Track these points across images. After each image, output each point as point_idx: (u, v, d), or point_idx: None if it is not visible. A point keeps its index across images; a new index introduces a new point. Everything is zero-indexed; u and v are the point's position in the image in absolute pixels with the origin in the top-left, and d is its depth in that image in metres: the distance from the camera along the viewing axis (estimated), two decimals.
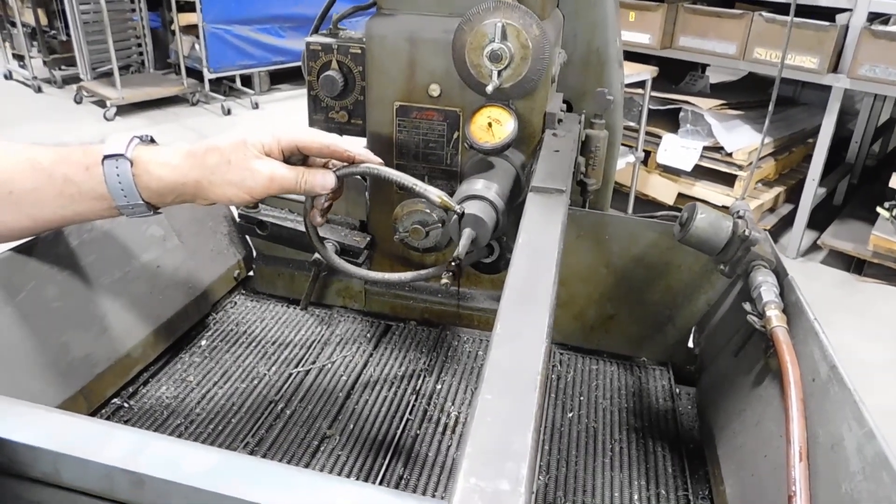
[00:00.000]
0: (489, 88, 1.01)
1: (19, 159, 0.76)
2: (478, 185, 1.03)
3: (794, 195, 3.73)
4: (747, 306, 0.92)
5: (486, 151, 1.06)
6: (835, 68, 3.23)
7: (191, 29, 5.53)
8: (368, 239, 1.25)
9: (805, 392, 0.78)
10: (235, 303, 1.30)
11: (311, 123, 1.24)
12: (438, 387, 1.10)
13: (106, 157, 0.76)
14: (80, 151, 0.78)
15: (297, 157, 0.87)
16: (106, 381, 1.00)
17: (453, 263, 0.92)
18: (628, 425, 1.05)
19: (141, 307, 1.08)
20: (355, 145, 0.90)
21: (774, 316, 0.86)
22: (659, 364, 1.20)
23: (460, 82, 1.07)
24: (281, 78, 6.17)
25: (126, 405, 1.01)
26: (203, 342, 1.17)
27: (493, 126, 1.07)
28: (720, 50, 3.46)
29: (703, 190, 3.63)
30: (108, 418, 0.98)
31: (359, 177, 1.08)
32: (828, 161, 3.44)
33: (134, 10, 5.63)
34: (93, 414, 0.97)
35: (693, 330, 1.17)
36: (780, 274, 0.95)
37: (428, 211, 1.19)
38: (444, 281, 0.89)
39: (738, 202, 1.09)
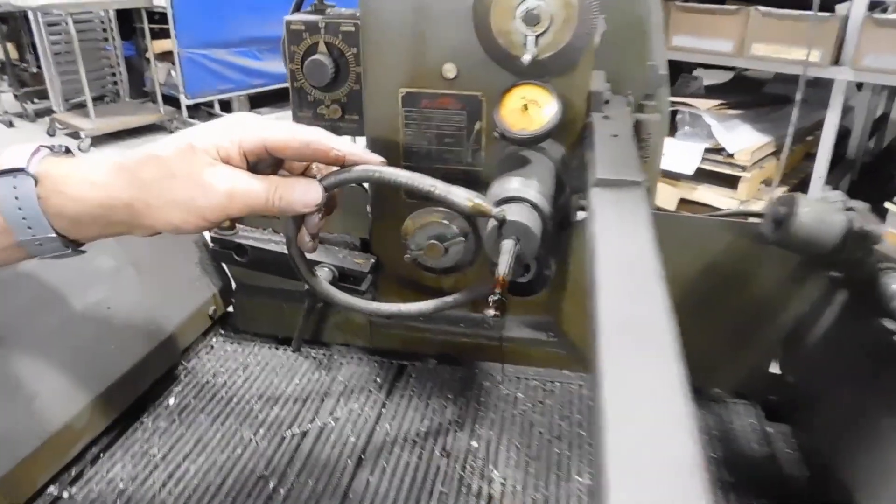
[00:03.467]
0: (526, 58, 0.77)
1: None
2: (513, 183, 0.79)
3: None
4: (890, 323, 0.68)
5: (523, 141, 0.82)
6: (836, 60, 3.05)
7: (166, 55, 5.28)
8: (373, 261, 1.00)
9: None
10: (212, 347, 1.04)
11: (297, 122, 0.99)
12: (474, 444, 0.85)
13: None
14: None
15: (268, 163, 0.62)
16: (37, 464, 0.73)
17: (497, 290, 0.67)
18: (722, 482, 0.80)
19: (86, 362, 0.81)
20: (348, 142, 0.65)
21: None
22: (736, 396, 0.95)
23: (483, 58, 0.83)
24: (260, 101, 5.90)
25: (66, 495, 0.75)
26: (171, 401, 0.91)
27: (529, 109, 0.82)
28: (716, 48, 3.27)
29: (706, 193, 3.41)
30: None
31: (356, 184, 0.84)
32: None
33: (107, 40, 5.37)
34: None
35: (780, 353, 0.93)
36: None
37: (446, 222, 0.94)
38: (490, 313, 0.64)
39: (833, 192, 0.85)
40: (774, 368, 0.95)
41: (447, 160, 0.93)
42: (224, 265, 1.09)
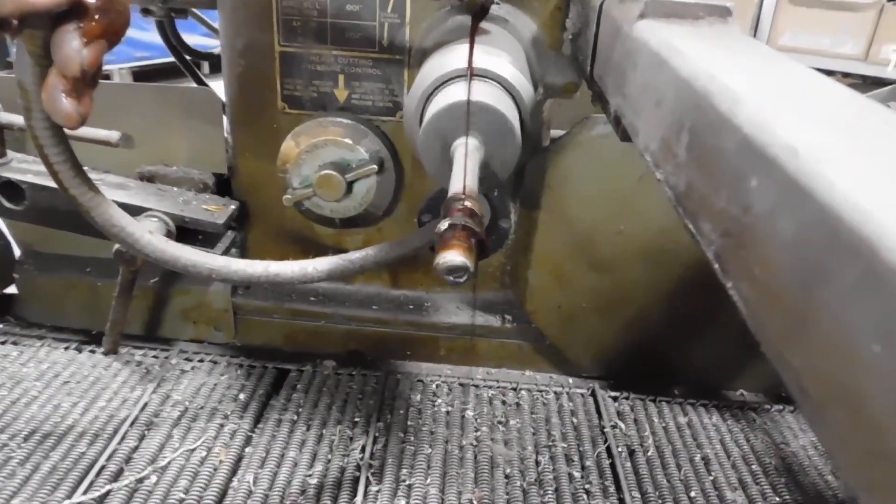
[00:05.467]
0: None
1: None
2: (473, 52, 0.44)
3: None
4: None
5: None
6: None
7: None
8: (233, 209, 0.62)
9: None
10: None
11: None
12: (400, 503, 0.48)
13: None
14: None
15: None
16: None
17: (458, 223, 0.31)
18: None
19: None
20: None
21: None
22: (766, 398, 0.65)
23: None
24: (146, 77, 5.25)
25: None
26: None
27: None
28: None
29: None
30: None
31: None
32: None
33: None
34: None
35: None
36: None
37: (349, 141, 0.57)
38: (453, 261, 0.28)
39: None
40: None
41: (348, 41, 0.56)
42: None
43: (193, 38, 0.89)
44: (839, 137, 0.17)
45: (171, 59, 0.86)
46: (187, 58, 0.85)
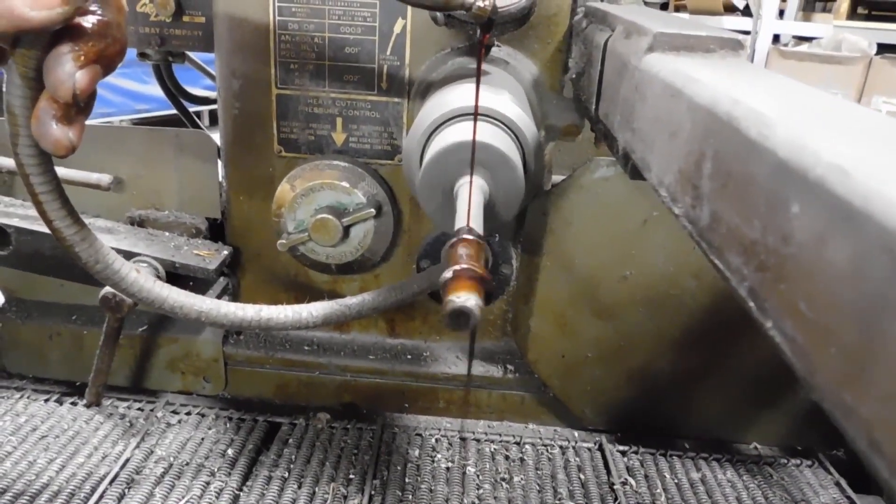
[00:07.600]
0: None
1: None
2: (473, 92, 0.43)
3: None
4: None
5: (487, 22, 0.46)
6: None
7: None
8: (226, 254, 0.60)
9: None
10: None
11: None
12: None
13: None
14: None
15: None
16: None
17: (466, 265, 0.29)
18: None
19: None
20: None
21: None
22: (793, 453, 0.61)
23: None
24: None
25: None
26: None
27: None
28: None
29: None
30: None
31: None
32: None
33: None
34: None
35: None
36: None
37: (346, 185, 0.56)
38: (458, 302, 0.26)
39: None
40: None
41: (346, 83, 0.55)
42: None
43: (196, 92, 0.88)
44: (890, 155, 0.16)
45: (172, 111, 0.85)
46: (185, 104, 0.84)
